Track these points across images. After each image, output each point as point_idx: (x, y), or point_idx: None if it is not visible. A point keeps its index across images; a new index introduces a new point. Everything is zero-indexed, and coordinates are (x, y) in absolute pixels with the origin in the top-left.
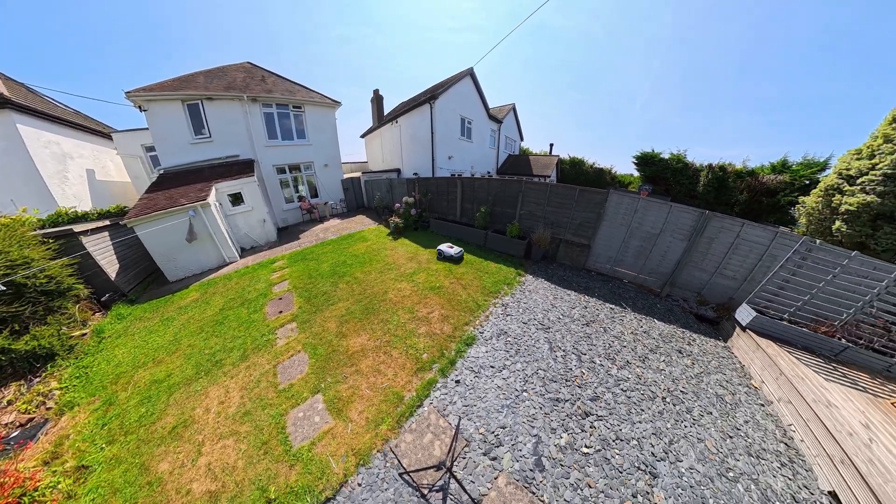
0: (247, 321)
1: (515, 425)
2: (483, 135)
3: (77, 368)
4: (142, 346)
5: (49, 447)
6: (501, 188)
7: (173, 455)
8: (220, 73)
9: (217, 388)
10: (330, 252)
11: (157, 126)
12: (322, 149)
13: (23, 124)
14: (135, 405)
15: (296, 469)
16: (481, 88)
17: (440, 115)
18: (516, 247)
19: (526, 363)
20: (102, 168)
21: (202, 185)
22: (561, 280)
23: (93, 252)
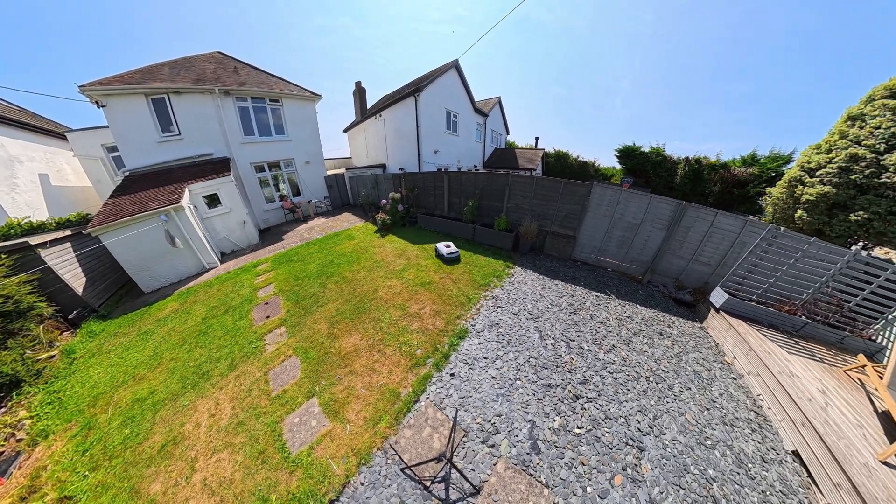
0: (232, 329)
1: (511, 412)
2: (469, 128)
3: (48, 394)
4: (119, 363)
5: (25, 481)
6: (488, 182)
7: (165, 474)
8: (188, 65)
9: (206, 400)
10: (316, 252)
11: (118, 124)
12: (303, 145)
13: None
14: (117, 427)
15: (296, 475)
16: (467, 81)
17: (425, 108)
18: (504, 240)
19: (518, 352)
20: (58, 172)
21: (174, 186)
22: (548, 271)
23: (54, 266)
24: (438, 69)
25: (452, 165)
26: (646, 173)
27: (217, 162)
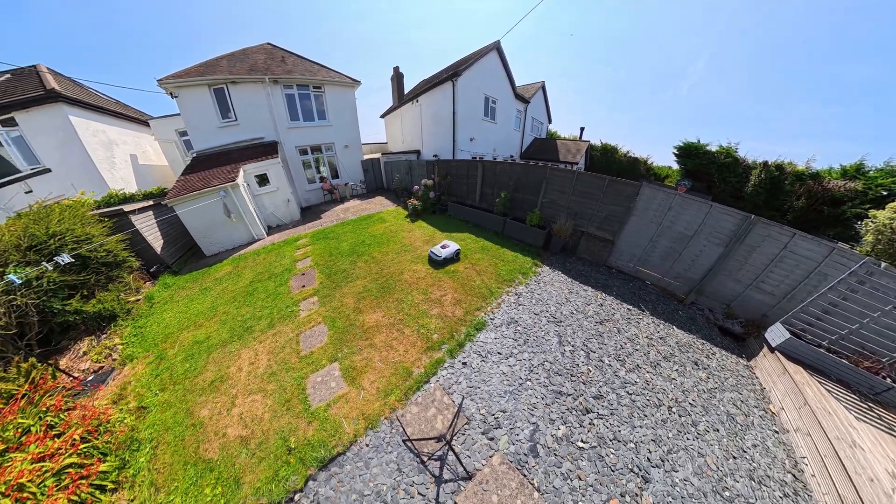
0: (273, 293)
1: (516, 411)
2: (508, 115)
3: (134, 328)
4: (185, 311)
5: (116, 390)
6: (524, 173)
7: (212, 404)
8: (242, 56)
9: (248, 350)
10: (350, 232)
11: (187, 111)
12: (342, 130)
13: (74, 115)
14: (181, 361)
15: (313, 426)
16: (508, 64)
17: (463, 93)
18: (535, 236)
19: (533, 353)
20: (143, 153)
21: (231, 166)
22: (579, 274)
23: (141, 229)
24: (478, 52)
25: (488, 154)
26: (709, 177)
27: (267, 145)
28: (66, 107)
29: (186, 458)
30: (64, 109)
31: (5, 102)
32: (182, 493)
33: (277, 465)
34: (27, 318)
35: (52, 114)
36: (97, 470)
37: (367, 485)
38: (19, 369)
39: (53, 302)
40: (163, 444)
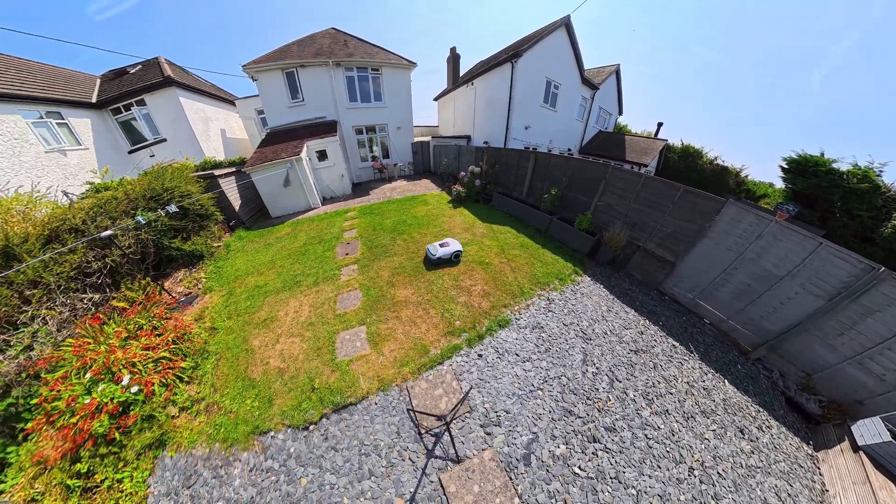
0: (321, 256)
1: (519, 415)
2: (571, 103)
3: (214, 267)
4: (251, 260)
5: (198, 311)
6: (581, 170)
7: (261, 337)
8: (310, 42)
9: (295, 300)
10: (394, 210)
11: (264, 93)
12: (396, 111)
13: (183, 97)
14: (244, 298)
15: (335, 374)
16: (578, 44)
17: (522, 76)
18: (582, 241)
19: (552, 364)
20: (230, 128)
21: (297, 142)
22: (623, 293)
23: (225, 190)
24: (543, 29)
25: (543, 145)
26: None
27: (328, 124)
28: (177, 90)
29: (238, 373)
30: (176, 92)
31: (139, 87)
32: (230, 398)
33: (302, 398)
34: (147, 249)
35: (168, 96)
36: (179, 365)
37: (368, 436)
38: (139, 284)
39: (163, 239)
40: (223, 359)
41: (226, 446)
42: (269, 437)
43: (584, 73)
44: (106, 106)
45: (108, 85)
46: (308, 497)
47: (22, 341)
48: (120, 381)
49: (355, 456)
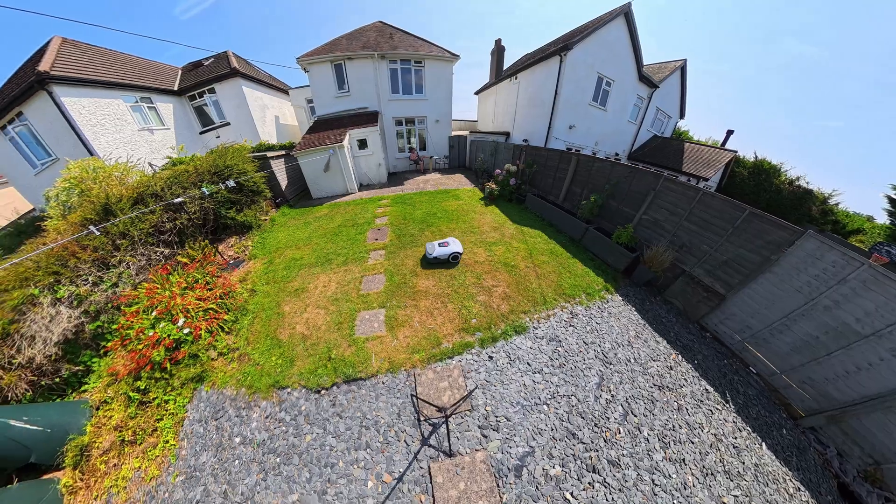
0: (353, 238)
1: (519, 426)
2: (624, 102)
3: (260, 237)
4: (290, 235)
5: (242, 274)
6: (628, 178)
7: (291, 304)
8: (358, 35)
9: (324, 276)
10: (425, 202)
11: (314, 83)
12: (436, 104)
13: (245, 86)
14: (281, 269)
15: (351, 349)
16: (637, 36)
17: (571, 71)
18: (618, 256)
19: (564, 381)
20: (283, 115)
21: (340, 130)
22: (657, 320)
23: (275, 171)
24: (598, 19)
25: (587, 148)
26: None
27: (370, 114)
28: (241, 80)
29: (268, 332)
30: (240, 82)
31: (210, 77)
32: (260, 352)
33: (319, 364)
34: (207, 216)
35: (233, 85)
36: (222, 317)
37: (371, 411)
38: (199, 245)
39: (221, 209)
40: (258, 318)
41: (250, 392)
42: (286, 393)
43: (642, 70)
44: (185, 93)
45: (187, 75)
46: (309, 452)
47: (111, 279)
48: (176, 322)
49: (356, 426)
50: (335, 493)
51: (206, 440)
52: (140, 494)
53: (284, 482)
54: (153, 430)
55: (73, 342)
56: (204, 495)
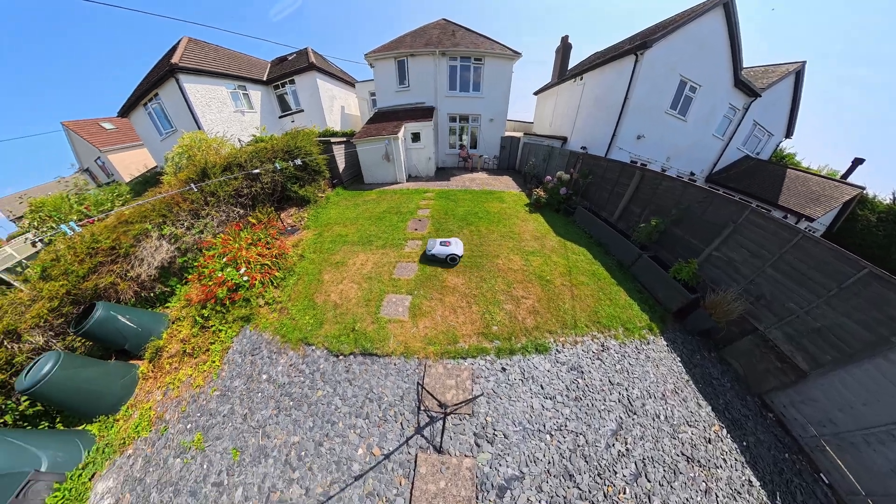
0: (394, 225)
1: (515, 447)
2: (711, 112)
3: (315, 212)
4: (340, 214)
5: (295, 241)
6: (702, 204)
7: (330, 274)
8: (421, 32)
9: (363, 255)
10: (468, 200)
11: (378, 78)
12: (492, 103)
13: (319, 79)
14: (328, 242)
15: (373, 326)
16: (738, 32)
17: (649, 71)
18: (672, 294)
19: (575, 416)
20: (348, 105)
21: (397, 123)
22: (705, 380)
23: (336, 155)
24: (688, 11)
25: (656, 162)
26: None
27: (426, 109)
28: (316, 73)
29: (307, 295)
30: (315, 75)
31: (291, 70)
32: (297, 310)
33: (343, 332)
34: (276, 187)
35: (309, 78)
36: (274, 273)
37: (377, 387)
38: (266, 211)
39: (287, 183)
40: (301, 281)
41: (282, 341)
42: (311, 350)
43: (739, 73)
44: (271, 83)
45: (274, 68)
46: (318, 405)
47: (199, 227)
48: (239, 270)
49: (362, 396)
50: (329, 447)
51: (241, 369)
52: (186, 395)
53: (292, 423)
54: (206, 349)
55: (166, 269)
56: (230, 412)
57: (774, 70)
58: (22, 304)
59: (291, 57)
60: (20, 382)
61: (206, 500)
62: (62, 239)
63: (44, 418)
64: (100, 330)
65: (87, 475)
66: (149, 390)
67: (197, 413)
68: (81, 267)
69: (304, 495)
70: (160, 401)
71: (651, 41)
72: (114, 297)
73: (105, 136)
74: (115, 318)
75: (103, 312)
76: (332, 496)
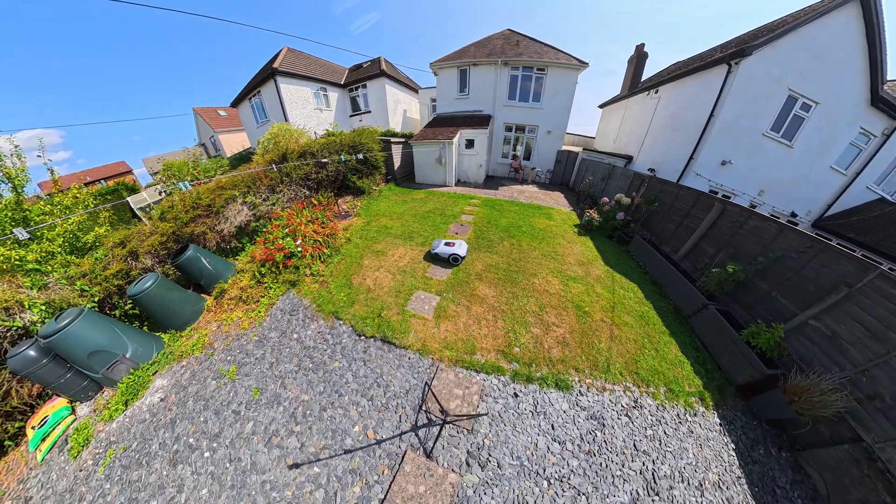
0: (437, 226)
1: (506, 480)
2: (830, 138)
3: (368, 202)
4: (390, 208)
5: (346, 224)
6: (803, 255)
7: (370, 260)
8: (486, 43)
9: (403, 249)
10: (514, 212)
11: (440, 85)
12: (552, 114)
13: (387, 85)
14: (373, 231)
15: (398, 317)
16: (882, 32)
17: (745, 84)
18: (741, 363)
19: (582, 472)
20: (410, 110)
21: (453, 128)
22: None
23: (393, 153)
24: (807, 10)
25: (743, 195)
26: None
27: (482, 117)
28: (385, 80)
29: (346, 274)
30: (384, 81)
31: (364, 76)
32: (335, 286)
33: (370, 315)
34: (338, 176)
35: (379, 83)
36: (323, 250)
37: (387, 375)
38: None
39: (349, 174)
40: (344, 261)
41: (317, 309)
42: (339, 324)
43: (880, 88)
44: (346, 87)
45: (350, 73)
46: (332, 373)
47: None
48: (296, 241)
49: (371, 379)
50: (330, 415)
51: (279, 324)
52: (233, 333)
53: (306, 383)
54: (256, 300)
55: (242, 230)
56: (261, 357)
57: None
58: (144, 234)
59: (366, 65)
60: (130, 289)
61: (223, 421)
62: (178, 192)
63: (137, 320)
64: (188, 265)
65: (152, 371)
66: (208, 321)
67: (237, 350)
68: (186, 216)
69: (298, 449)
70: (214, 331)
71: (751, 48)
72: (202, 243)
73: (219, 121)
74: (199, 259)
75: (193, 253)
76: (321, 459)
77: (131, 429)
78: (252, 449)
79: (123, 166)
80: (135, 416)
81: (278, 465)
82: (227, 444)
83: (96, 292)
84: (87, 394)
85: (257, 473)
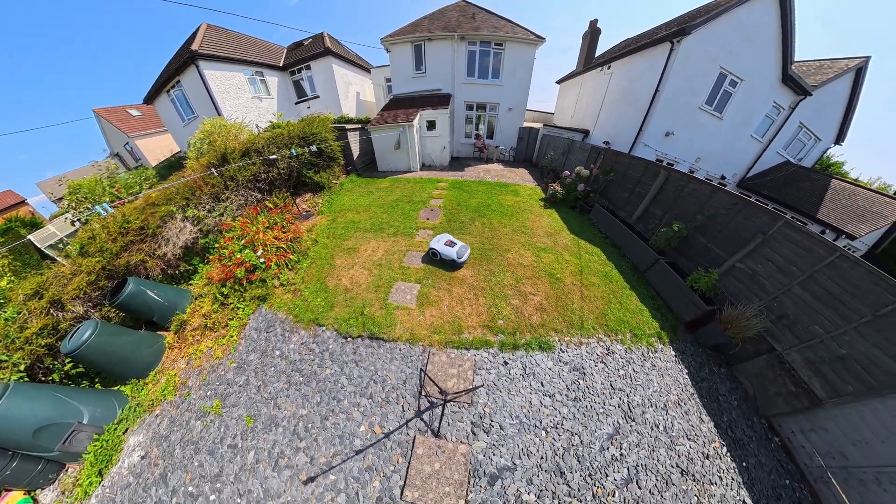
0: (406, 214)
1: (510, 439)
2: (751, 110)
3: (329, 198)
4: (353, 200)
5: (309, 226)
6: (730, 211)
7: (343, 260)
8: (440, 15)
9: (374, 242)
10: (482, 192)
11: (394, 63)
12: (512, 91)
13: (335, 65)
14: (340, 228)
15: (381, 311)
16: (793, 20)
17: (684, 62)
18: (687, 304)
19: (572, 416)
20: (363, 91)
21: (412, 110)
22: (710, 395)
23: (350, 142)
24: None
25: (683, 162)
26: None
27: (442, 97)
28: (332, 59)
29: (319, 278)
30: (330, 60)
31: (307, 56)
32: (309, 292)
33: (352, 315)
34: (292, 173)
35: (325, 63)
36: (289, 256)
37: (381, 370)
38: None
39: (303, 169)
40: (314, 264)
41: (295, 320)
42: (321, 330)
43: (789, 68)
44: (287, 69)
45: (290, 53)
46: (325, 382)
47: (219, 210)
48: (256, 252)
49: (367, 377)
50: (334, 422)
51: (257, 344)
52: (207, 366)
53: (301, 397)
54: (225, 325)
55: (189, 249)
56: (245, 383)
57: (831, 66)
58: (64, 277)
59: (307, 42)
60: (64, 346)
61: (221, 459)
62: (97, 219)
63: (85, 378)
64: (131, 302)
65: (122, 429)
66: (174, 359)
67: (216, 382)
68: (114, 245)
69: (308, 463)
70: (184, 369)
71: (690, 27)
72: (143, 273)
73: (132, 123)
74: (144, 293)
75: (134, 287)
76: (334, 466)
77: (115, 498)
78: (260, 477)
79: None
80: (116, 484)
81: (293, 484)
82: (231, 480)
83: (19, 359)
84: (47, 477)
85: (273, 499)
